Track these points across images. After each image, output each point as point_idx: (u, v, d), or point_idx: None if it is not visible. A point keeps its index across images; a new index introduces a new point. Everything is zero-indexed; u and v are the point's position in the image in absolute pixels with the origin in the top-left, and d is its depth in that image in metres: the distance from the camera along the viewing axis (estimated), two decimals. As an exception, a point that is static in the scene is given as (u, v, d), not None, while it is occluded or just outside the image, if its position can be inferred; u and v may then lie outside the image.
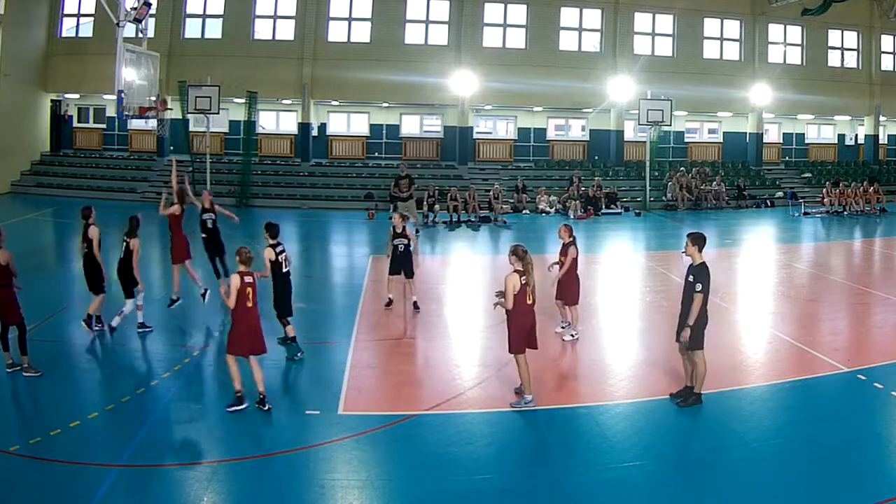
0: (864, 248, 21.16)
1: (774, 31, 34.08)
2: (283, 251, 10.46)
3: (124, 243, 11.48)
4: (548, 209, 28.02)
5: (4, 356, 9.37)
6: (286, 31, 30.95)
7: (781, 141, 36.71)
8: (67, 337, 11.26)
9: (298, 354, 10.36)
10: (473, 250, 20.98)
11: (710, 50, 33.47)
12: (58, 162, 30.86)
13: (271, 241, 10.39)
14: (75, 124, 33.06)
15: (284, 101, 31.86)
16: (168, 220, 13.28)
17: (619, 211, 28.40)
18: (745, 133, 34.73)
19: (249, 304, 8.44)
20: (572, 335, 11.38)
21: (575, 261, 11.53)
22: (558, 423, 8.47)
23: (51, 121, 31.60)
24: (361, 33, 31.14)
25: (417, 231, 22.14)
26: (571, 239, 11.72)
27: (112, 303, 11.59)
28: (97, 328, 11.20)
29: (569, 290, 11.50)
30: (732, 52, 33.72)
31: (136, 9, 20.17)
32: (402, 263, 12.97)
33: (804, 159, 36.47)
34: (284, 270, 10.42)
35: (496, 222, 25.27)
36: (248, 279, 8.48)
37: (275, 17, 30.98)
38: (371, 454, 7.51)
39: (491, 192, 27.04)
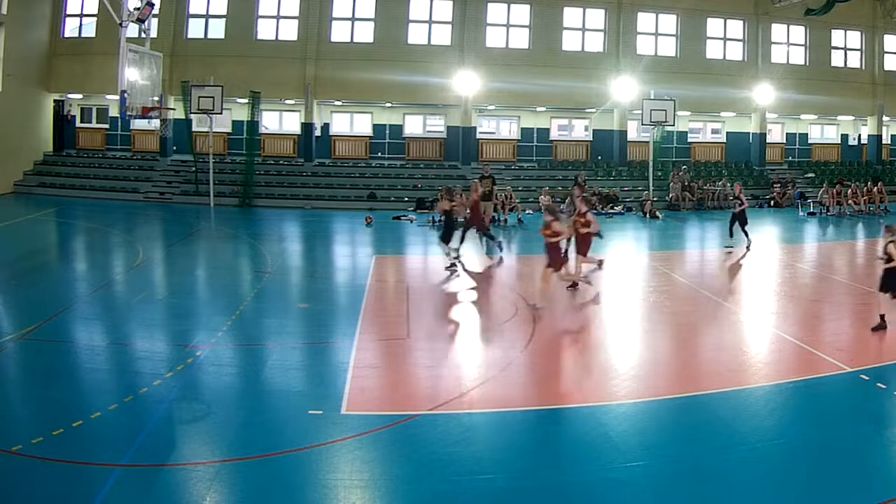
0: (868, 249, 21.10)
1: (777, 31, 34.05)
2: None
3: None
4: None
5: None
6: (289, 31, 30.99)
7: (785, 141, 36.67)
8: (70, 337, 11.28)
9: None
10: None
11: (714, 50, 33.44)
12: (60, 162, 30.91)
13: None
14: (78, 124, 33.14)
15: (287, 101, 31.90)
16: None
17: (622, 212, 28.38)
18: (749, 133, 34.69)
19: None
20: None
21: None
22: (561, 422, 8.46)
23: (54, 121, 31.66)
24: (364, 33, 31.16)
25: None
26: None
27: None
28: None
29: None
30: (736, 52, 33.69)
31: (139, 9, 20.20)
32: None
33: (807, 159, 36.43)
34: None
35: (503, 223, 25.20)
36: None
37: (278, 17, 31.01)
38: (374, 454, 7.51)
39: (503, 194, 26.84)
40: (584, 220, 14.58)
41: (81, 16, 30.90)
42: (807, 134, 37.31)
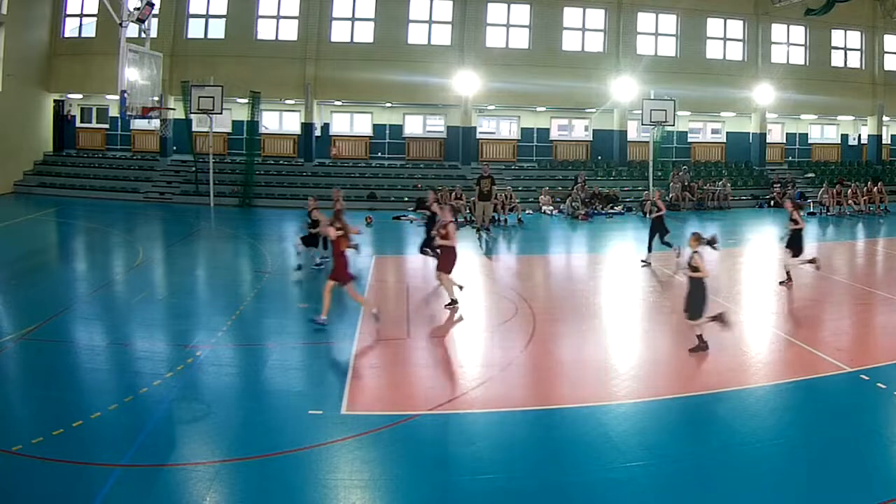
0: (868, 248, 21.10)
1: (777, 31, 34.05)
2: None
3: None
4: (549, 210, 28.04)
5: None
6: (289, 31, 31.00)
7: (785, 141, 36.67)
8: (70, 337, 11.28)
9: None
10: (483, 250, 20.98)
11: (714, 50, 33.44)
12: (60, 162, 30.91)
13: None
14: (78, 124, 33.15)
15: (287, 101, 31.91)
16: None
17: (622, 211, 28.38)
18: (749, 133, 34.69)
19: None
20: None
21: None
22: (561, 422, 8.46)
23: (54, 121, 31.66)
24: (364, 33, 31.17)
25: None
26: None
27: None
28: None
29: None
30: (736, 52, 33.69)
31: (139, 9, 20.19)
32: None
33: (807, 159, 36.43)
34: None
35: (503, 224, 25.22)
36: None
37: (278, 18, 31.01)
38: (374, 454, 7.51)
39: (503, 194, 26.80)
40: (444, 232, 12.85)
41: (81, 16, 30.90)
42: (807, 134, 37.31)
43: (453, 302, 13.05)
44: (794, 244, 14.99)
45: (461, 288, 13.39)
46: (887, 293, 14.64)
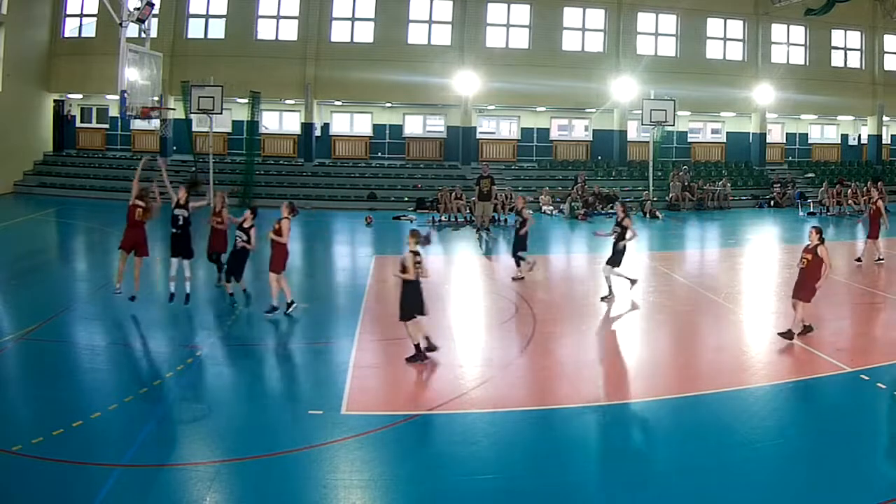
0: (868, 249, 21.06)
1: (777, 31, 34.06)
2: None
3: None
4: (549, 210, 28.02)
5: None
6: (289, 31, 31.01)
7: (785, 141, 36.66)
8: (70, 337, 11.27)
9: None
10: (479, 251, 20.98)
11: (714, 50, 33.44)
12: (60, 162, 30.91)
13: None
14: (78, 124, 33.13)
15: (287, 101, 31.90)
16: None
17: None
18: (749, 133, 34.69)
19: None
20: None
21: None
22: (561, 423, 8.46)
23: (54, 121, 31.65)
24: (364, 33, 31.18)
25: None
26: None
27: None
28: None
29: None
30: (736, 52, 33.69)
31: (139, 9, 20.19)
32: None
33: (807, 159, 36.42)
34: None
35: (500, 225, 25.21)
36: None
37: (278, 18, 31.02)
38: (374, 454, 7.51)
39: (503, 194, 26.77)
40: (278, 227, 12.53)
41: (81, 16, 30.89)
42: (807, 134, 37.31)
43: (289, 305, 12.29)
44: (616, 254, 13.81)
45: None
46: (887, 293, 14.64)
